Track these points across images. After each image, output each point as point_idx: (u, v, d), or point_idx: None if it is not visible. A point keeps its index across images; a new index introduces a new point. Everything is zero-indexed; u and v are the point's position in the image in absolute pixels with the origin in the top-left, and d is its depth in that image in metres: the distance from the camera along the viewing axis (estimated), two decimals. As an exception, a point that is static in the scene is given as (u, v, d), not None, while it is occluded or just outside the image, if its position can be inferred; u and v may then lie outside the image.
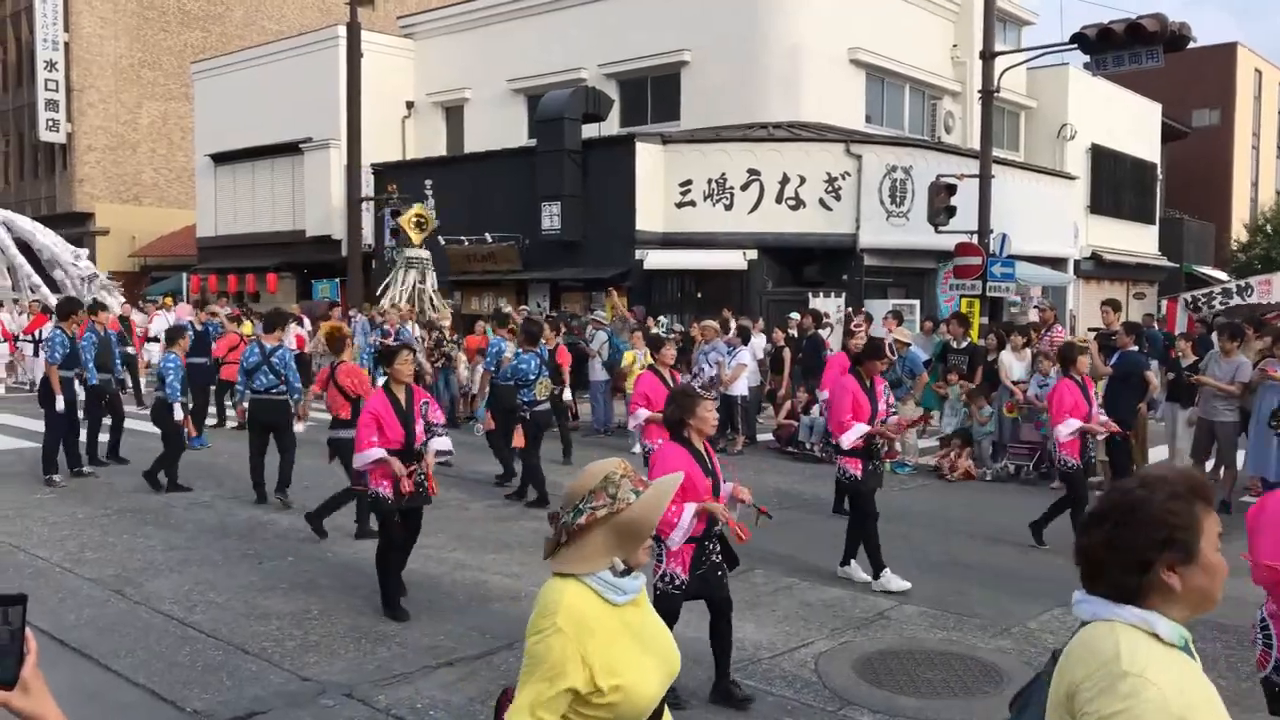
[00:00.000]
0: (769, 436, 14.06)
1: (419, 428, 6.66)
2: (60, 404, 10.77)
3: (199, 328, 14.54)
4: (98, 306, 13.66)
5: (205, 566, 7.60)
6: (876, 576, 7.24)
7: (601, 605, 2.24)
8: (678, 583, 5.09)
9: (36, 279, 23.60)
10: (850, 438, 7.18)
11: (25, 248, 23.83)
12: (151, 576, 7.32)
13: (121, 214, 37.36)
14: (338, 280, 24.52)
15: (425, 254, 19.95)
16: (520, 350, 10.42)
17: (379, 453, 6.41)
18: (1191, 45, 14.93)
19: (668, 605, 4.94)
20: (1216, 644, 6.17)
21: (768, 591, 7.14)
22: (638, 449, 12.73)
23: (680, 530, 4.91)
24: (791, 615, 6.60)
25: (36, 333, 19.49)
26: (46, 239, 23.95)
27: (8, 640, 1.49)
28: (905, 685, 5.47)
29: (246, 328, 15.60)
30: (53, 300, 23.22)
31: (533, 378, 10.02)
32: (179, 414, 10.32)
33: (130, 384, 17.03)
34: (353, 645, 5.96)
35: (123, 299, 23.41)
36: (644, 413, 8.68)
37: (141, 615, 6.46)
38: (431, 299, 19.49)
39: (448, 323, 17.06)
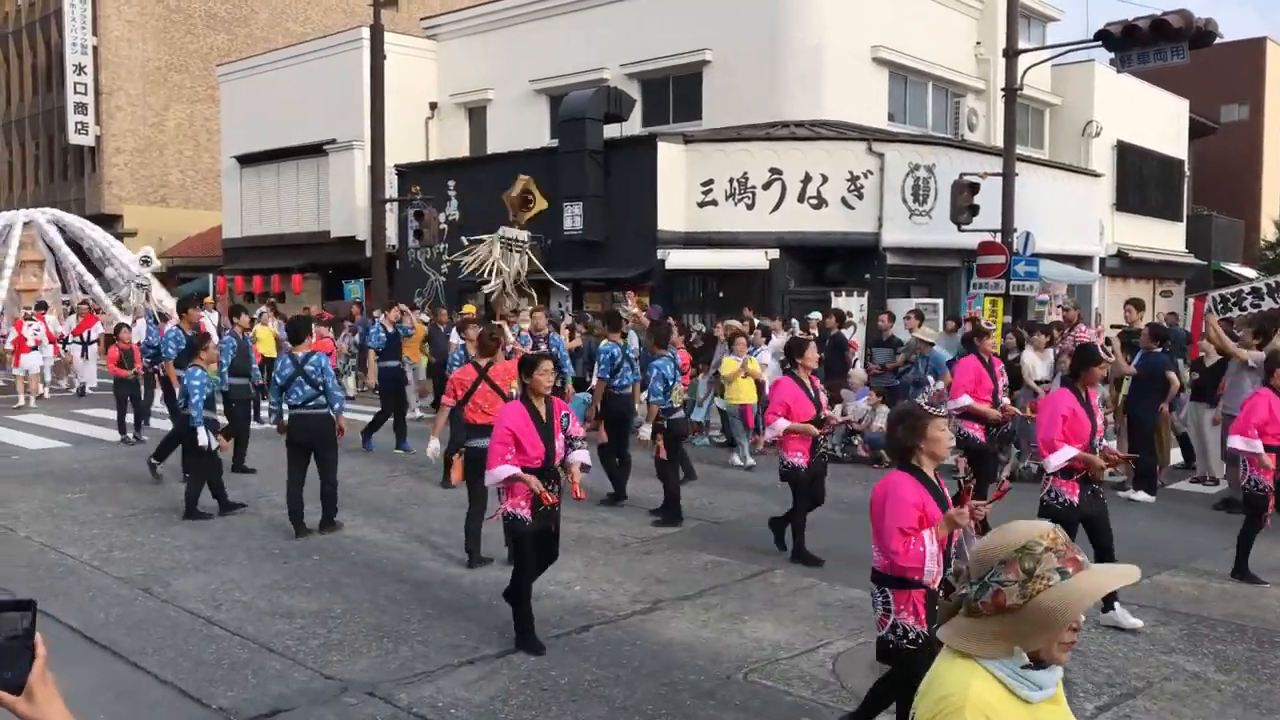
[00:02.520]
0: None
1: (559, 443, 6.01)
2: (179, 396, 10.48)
3: (389, 329, 13.69)
4: (239, 309, 12.82)
5: (231, 565, 7.71)
6: (1106, 610, 6.45)
7: (1011, 700, 1.85)
8: (913, 636, 4.20)
9: (89, 278, 23.85)
10: (1057, 461, 6.37)
11: (76, 248, 24.07)
12: (178, 575, 7.45)
13: (149, 215, 37.76)
14: (363, 281, 24.71)
15: (523, 234, 18.74)
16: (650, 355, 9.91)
17: (510, 470, 5.79)
18: (1219, 40, 14.75)
19: (908, 665, 4.09)
20: (1238, 645, 6.15)
21: (786, 592, 7.15)
22: (737, 459, 12.47)
23: (929, 566, 4.11)
24: (810, 615, 6.61)
25: (85, 334, 19.55)
26: (97, 235, 24.22)
27: (12, 645, 1.48)
28: (923, 686, 5.46)
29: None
30: (105, 300, 23.51)
31: (669, 383, 9.50)
32: (204, 438, 9.15)
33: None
34: (375, 644, 6.03)
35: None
36: (784, 423, 7.71)
37: (169, 613, 6.57)
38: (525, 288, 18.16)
39: (527, 325, 16.83)
